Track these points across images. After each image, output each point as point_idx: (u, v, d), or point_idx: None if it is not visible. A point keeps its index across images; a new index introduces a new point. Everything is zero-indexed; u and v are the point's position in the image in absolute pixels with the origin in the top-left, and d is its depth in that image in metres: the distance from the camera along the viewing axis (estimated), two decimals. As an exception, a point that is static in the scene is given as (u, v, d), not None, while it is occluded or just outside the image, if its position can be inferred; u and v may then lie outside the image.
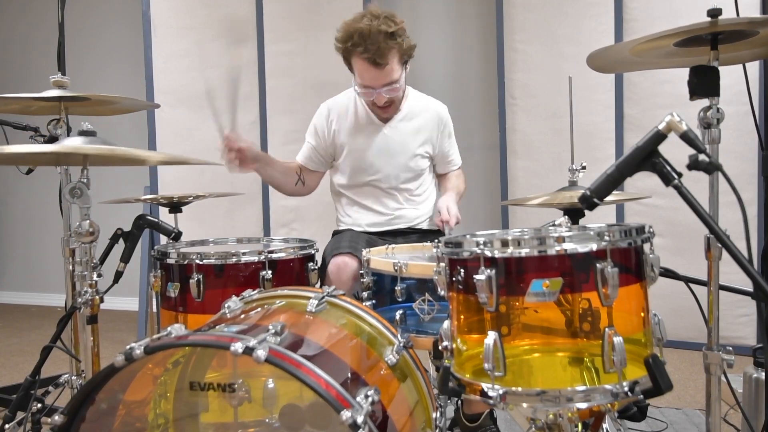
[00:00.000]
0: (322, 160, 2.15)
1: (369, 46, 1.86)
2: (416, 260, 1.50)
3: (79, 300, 1.43)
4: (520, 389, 0.97)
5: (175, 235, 1.89)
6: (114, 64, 4.37)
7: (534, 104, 3.34)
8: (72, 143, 1.39)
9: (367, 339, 1.26)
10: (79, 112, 1.98)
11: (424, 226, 2.16)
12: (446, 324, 1.09)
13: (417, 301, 1.42)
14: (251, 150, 1.90)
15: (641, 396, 0.96)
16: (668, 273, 1.32)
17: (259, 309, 1.28)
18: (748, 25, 1.19)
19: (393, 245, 1.75)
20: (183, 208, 2.23)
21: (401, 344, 1.24)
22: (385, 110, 2.04)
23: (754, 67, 2.74)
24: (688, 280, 1.37)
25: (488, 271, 0.97)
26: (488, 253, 0.99)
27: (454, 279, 1.07)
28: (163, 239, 2.08)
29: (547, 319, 1.01)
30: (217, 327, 1.14)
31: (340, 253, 1.80)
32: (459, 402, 1.90)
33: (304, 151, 2.16)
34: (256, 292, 1.38)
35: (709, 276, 1.30)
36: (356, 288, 1.73)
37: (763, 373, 1.66)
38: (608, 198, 1.10)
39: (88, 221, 1.37)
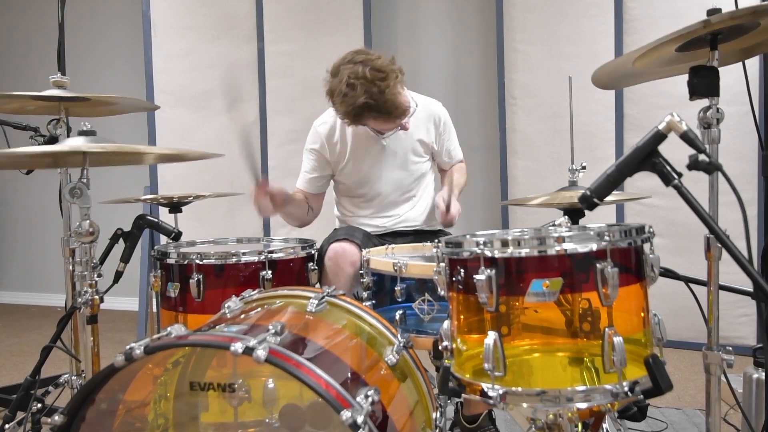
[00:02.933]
0: (324, 182, 2.11)
1: (381, 109, 1.80)
2: (416, 260, 1.50)
3: (79, 300, 1.43)
4: (520, 389, 0.97)
5: (175, 235, 1.89)
6: (114, 64, 4.37)
7: (534, 104, 3.34)
8: (72, 142, 1.40)
9: (367, 339, 1.26)
10: (79, 113, 1.98)
11: (422, 226, 2.15)
12: (446, 324, 1.09)
13: (417, 301, 1.42)
14: (281, 193, 1.87)
15: (641, 396, 0.96)
16: (668, 273, 1.32)
17: (259, 309, 1.28)
18: (749, 17, 1.16)
19: (393, 245, 1.75)
20: (183, 208, 2.23)
21: (401, 344, 1.24)
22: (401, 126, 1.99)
23: (754, 68, 2.74)
24: (688, 280, 1.37)
25: (488, 271, 0.97)
26: (488, 253, 0.99)
27: (454, 279, 1.07)
28: (163, 239, 2.08)
29: (547, 319, 1.01)
30: (217, 327, 1.14)
31: (337, 239, 1.80)
32: (458, 403, 1.90)
33: (306, 181, 2.09)
34: (256, 292, 1.38)
35: (709, 276, 1.30)
36: (356, 287, 1.73)
37: (763, 373, 1.66)
38: (608, 198, 1.10)
39: (88, 221, 1.37)
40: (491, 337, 0.96)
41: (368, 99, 1.76)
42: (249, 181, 1.78)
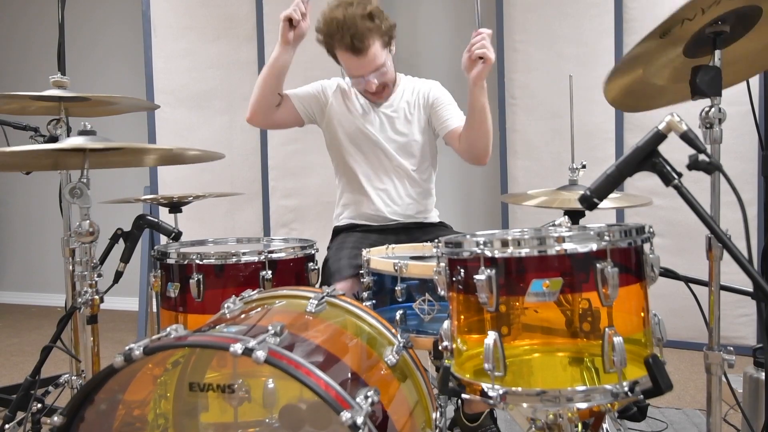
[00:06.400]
0: (306, 106, 2.11)
1: (346, 32, 1.85)
2: (416, 260, 1.50)
3: (79, 300, 1.43)
4: (520, 389, 0.96)
5: (175, 235, 1.89)
6: (114, 64, 4.37)
7: (534, 104, 3.34)
8: (73, 141, 1.40)
9: (367, 339, 1.26)
10: (79, 113, 1.98)
11: (427, 220, 2.14)
12: (446, 324, 1.09)
13: (417, 301, 1.42)
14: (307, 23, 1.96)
15: (641, 396, 0.96)
16: (668, 273, 1.32)
17: (258, 309, 1.28)
18: None
19: (393, 245, 1.74)
20: (183, 208, 2.23)
21: (401, 344, 1.24)
22: (379, 95, 2.03)
23: (754, 67, 2.74)
24: (688, 280, 1.37)
25: (488, 271, 0.97)
26: (488, 253, 0.99)
27: (454, 279, 1.06)
28: (163, 239, 2.08)
29: (547, 319, 1.01)
30: (216, 327, 1.14)
31: (343, 277, 1.77)
32: (459, 402, 1.90)
33: (298, 90, 2.13)
34: (255, 292, 1.37)
35: (710, 276, 1.30)
36: (356, 288, 1.73)
37: (763, 373, 1.66)
38: (608, 204, 1.10)
39: (88, 221, 1.37)
40: (491, 337, 0.96)
41: (343, 13, 1.86)
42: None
